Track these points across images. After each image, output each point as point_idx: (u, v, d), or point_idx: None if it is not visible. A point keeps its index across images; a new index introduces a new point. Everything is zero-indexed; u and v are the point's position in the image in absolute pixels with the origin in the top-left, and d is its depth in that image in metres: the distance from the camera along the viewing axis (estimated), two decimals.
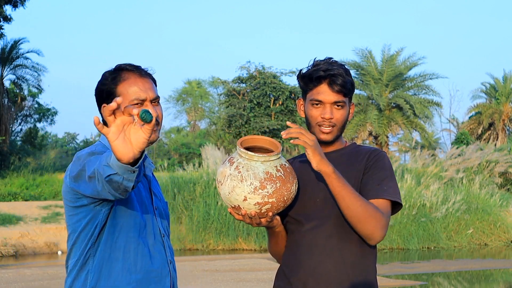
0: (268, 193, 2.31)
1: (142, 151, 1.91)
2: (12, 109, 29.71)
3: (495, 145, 28.92)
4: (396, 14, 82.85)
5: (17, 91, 30.21)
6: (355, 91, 33.80)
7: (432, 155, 23.31)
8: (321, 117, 2.50)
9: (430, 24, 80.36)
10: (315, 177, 2.52)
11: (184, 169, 19.30)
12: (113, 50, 77.25)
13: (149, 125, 1.84)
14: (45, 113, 32.48)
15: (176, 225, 17.28)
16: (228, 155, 2.46)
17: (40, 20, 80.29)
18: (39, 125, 33.06)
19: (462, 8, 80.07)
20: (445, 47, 77.19)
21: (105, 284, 2.31)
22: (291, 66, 44.11)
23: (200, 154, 26.29)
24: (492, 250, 17.27)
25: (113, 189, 2.02)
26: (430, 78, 33.00)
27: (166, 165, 20.49)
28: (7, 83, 30.02)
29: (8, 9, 26.56)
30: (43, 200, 20.73)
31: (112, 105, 1.81)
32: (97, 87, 2.42)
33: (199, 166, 19.37)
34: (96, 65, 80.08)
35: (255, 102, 28.52)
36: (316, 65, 2.53)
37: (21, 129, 31.89)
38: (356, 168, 2.51)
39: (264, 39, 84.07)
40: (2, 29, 26.76)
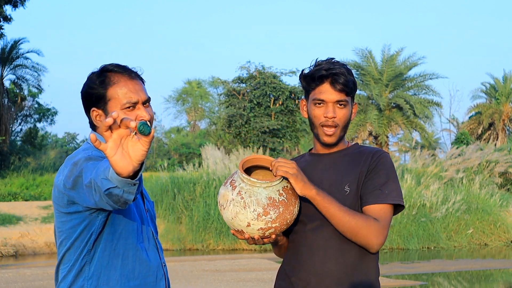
0: (272, 219, 2.32)
1: (142, 163, 1.86)
2: (12, 109, 29.72)
3: (495, 145, 28.90)
4: (396, 14, 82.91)
5: (17, 91, 30.22)
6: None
7: (432, 155, 23.29)
8: (324, 116, 2.51)
9: (430, 24, 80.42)
10: (316, 179, 2.52)
11: (184, 169, 19.28)
12: (113, 50, 77.30)
13: (148, 138, 1.77)
14: (45, 113, 32.49)
15: (176, 225, 17.27)
16: (230, 176, 2.41)
17: (40, 20, 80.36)
18: (39, 125, 33.11)
19: (462, 8, 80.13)
20: (445, 47, 77.24)
21: None
22: (291, 66, 44.15)
23: (200, 154, 26.29)
24: (492, 250, 17.26)
25: (113, 202, 1.97)
26: (430, 78, 32.99)
27: (166, 165, 20.48)
28: (7, 83, 30.05)
29: (8, 9, 26.59)
30: (43, 200, 20.73)
31: (108, 121, 1.73)
32: (85, 91, 2.33)
33: (199, 166, 19.35)
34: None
35: (255, 102, 28.50)
36: (318, 65, 2.54)
37: (21, 129, 31.91)
38: (359, 170, 2.52)
39: (264, 39, 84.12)
40: (2, 29, 26.77)
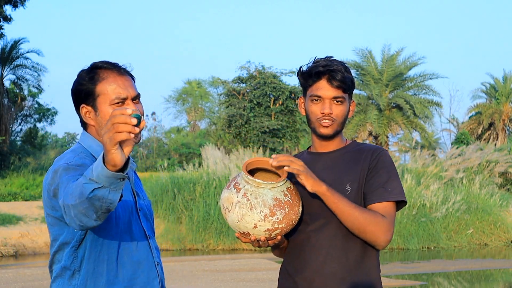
0: (278, 219, 2.33)
1: (128, 158, 1.89)
2: (12, 109, 29.72)
3: (495, 145, 28.90)
4: (396, 14, 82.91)
5: (17, 91, 30.22)
6: (356, 91, 33.47)
7: (432, 155, 23.29)
8: (321, 113, 2.51)
9: (430, 24, 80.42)
10: (319, 177, 2.51)
11: (184, 169, 19.29)
12: (113, 50, 77.31)
13: (139, 128, 1.81)
14: (45, 113, 32.50)
15: (176, 225, 17.27)
16: (232, 179, 2.41)
17: (40, 20, 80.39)
18: (39, 125, 33.11)
19: (462, 8, 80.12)
20: (445, 47, 77.26)
21: None
22: (291, 66, 44.09)
23: (200, 154, 26.30)
24: (492, 250, 17.26)
25: (94, 211, 1.94)
26: (430, 78, 33.00)
27: (166, 165, 20.48)
28: (7, 83, 30.06)
29: (8, 9, 26.60)
30: None
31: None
32: (74, 87, 2.34)
33: (199, 166, 19.36)
34: None
35: (255, 102, 28.47)
36: (316, 62, 2.55)
37: (21, 129, 31.91)
38: (360, 168, 2.52)
39: (264, 39, 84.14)
40: (2, 29, 26.77)
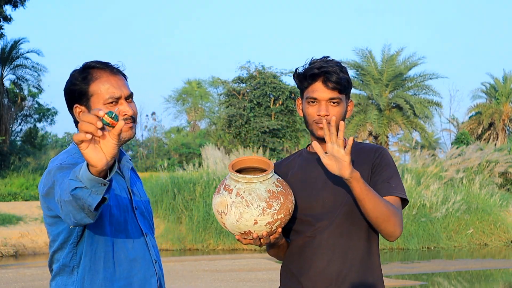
0: (276, 210, 2.33)
1: (115, 160, 1.90)
2: (12, 109, 29.72)
3: (495, 145, 28.89)
4: (396, 14, 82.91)
5: (17, 91, 30.22)
6: (356, 91, 33.39)
7: (432, 155, 23.28)
8: (317, 115, 2.51)
9: (430, 24, 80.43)
10: (322, 177, 2.53)
11: (184, 169, 19.28)
12: (113, 50, 77.31)
13: (116, 129, 1.82)
14: (45, 113, 32.49)
15: (176, 225, 17.27)
16: (220, 184, 2.42)
17: (40, 20, 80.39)
18: (39, 125, 33.11)
19: (462, 8, 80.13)
20: (445, 47, 77.27)
21: None
22: (291, 66, 44.06)
23: (200, 154, 26.28)
24: (492, 250, 17.26)
25: (78, 209, 1.96)
26: (430, 78, 33.02)
27: (166, 165, 20.47)
28: (7, 83, 30.06)
29: (8, 9, 26.60)
30: None
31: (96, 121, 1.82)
32: (67, 88, 2.34)
33: (199, 166, 19.35)
34: None
35: (255, 102, 28.49)
36: (311, 64, 2.55)
37: (21, 129, 31.91)
38: (364, 167, 2.53)
39: (264, 39, 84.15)
40: (2, 29, 26.77)
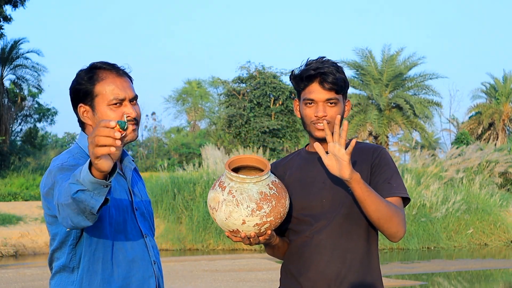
0: (266, 213, 2.32)
1: (115, 165, 1.95)
2: (12, 109, 29.72)
3: (495, 145, 28.89)
4: (396, 14, 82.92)
5: (17, 91, 30.22)
6: (356, 91, 33.24)
7: (432, 155, 23.28)
8: (315, 116, 2.51)
9: (430, 24, 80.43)
10: (320, 177, 2.53)
11: (184, 169, 19.29)
12: (113, 50, 77.30)
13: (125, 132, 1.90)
14: (45, 113, 32.49)
15: (176, 225, 17.28)
16: (216, 180, 2.44)
17: (40, 20, 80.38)
18: (39, 125, 33.10)
19: (462, 8, 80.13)
20: (445, 47, 77.25)
21: None
22: (291, 66, 44.00)
23: (200, 154, 26.28)
24: (492, 250, 17.27)
25: (76, 212, 1.98)
26: (430, 78, 33.01)
27: (166, 165, 20.48)
28: (7, 83, 30.06)
29: (8, 9, 26.60)
30: None
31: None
32: (73, 87, 2.36)
33: (199, 166, 19.36)
34: None
35: (255, 102, 28.50)
36: (307, 65, 2.55)
37: (21, 129, 31.90)
38: (362, 168, 2.52)
39: (264, 39, 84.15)
40: (2, 29, 26.77)
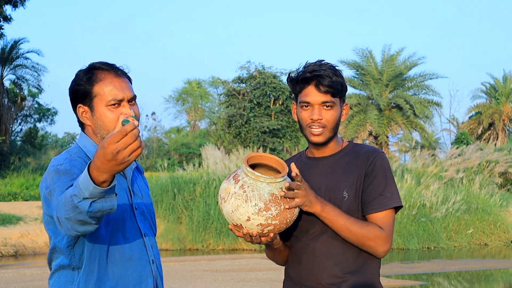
0: (272, 215, 2.30)
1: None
2: (12, 109, 29.71)
3: (495, 145, 28.90)
4: (396, 14, 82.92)
5: (17, 91, 30.21)
6: (356, 91, 33.17)
7: (432, 155, 23.29)
8: (310, 119, 2.51)
9: (430, 24, 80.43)
10: (315, 184, 2.52)
11: (184, 169, 19.29)
12: (114, 50, 77.30)
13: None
14: (45, 113, 32.48)
15: (176, 225, 17.27)
16: (233, 171, 2.44)
17: (40, 20, 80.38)
18: (39, 125, 33.08)
19: (462, 8, 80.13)
20: (445, 47, 77.26)
21: None
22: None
23: (200, 154, 26.29)
24: (492, 250, 17.27)
25: (81, 223, 2.03)
26: (430, 78, 33.01)
27: (166, 165, 20.47)
28: (7, 83, 30.04)
29: (8, 9, 26.57)
30: None
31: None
32: (72, 87, 2.38)
33: (199, 166, 19.36)
34: None
35: (255, 102, 28.49)
36: (305, 68, 2.54)
37: (21, 129, 31.89)
38: (357, 174, 2.51)
39: (264, 39, 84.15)
40: (2, 29, 26.76)
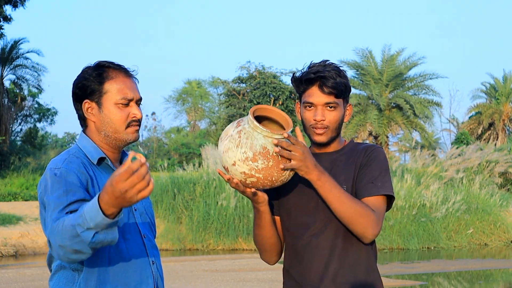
0: (257, 168, 2.29)
1: None
2: (12, 109, 29.70)
3: (495, 145, 28.92)
4: (396, 14, 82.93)
5: (17, 91, 30.20)
6: (356, 91, 33.31)
7: (432, 155, 23.30)
8: (314, 119, 2.52)
9: (430, 24, 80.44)
10: None
11: (184, 169, 19.28)
12: (114, 50, 77.31)
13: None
14: (45, 113, 32.47)
15: (176, 225, 17.27)
16: (240, 118, 2.43)
17: (40, 20, 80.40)
18: (39, 125, 33.07)
19: (462, 8, 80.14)
20: (445, 47, 77.27)
21: None
22: (291, 66, 44.09)
23: (200, 154, 26.27)
24: (492, 250, 17.27)
25: (73, 252, 2.04)
26: (430, 78, 33.04)
27: (166, 165, 20.46)
28: (7, 83, 30.03)
29: (8, 9, 26.57)
30: None
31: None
32: (80, 82, 2.36)
33: (199, 166, 19.35)
34: None
35: (255, 102, 28.52)
36: (309, 68, 2.55)
37: (21, 129, 31.87)
38: (354, 167, 2.53)
39: (264, 39, 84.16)
40: (2, 29, 26.75)
